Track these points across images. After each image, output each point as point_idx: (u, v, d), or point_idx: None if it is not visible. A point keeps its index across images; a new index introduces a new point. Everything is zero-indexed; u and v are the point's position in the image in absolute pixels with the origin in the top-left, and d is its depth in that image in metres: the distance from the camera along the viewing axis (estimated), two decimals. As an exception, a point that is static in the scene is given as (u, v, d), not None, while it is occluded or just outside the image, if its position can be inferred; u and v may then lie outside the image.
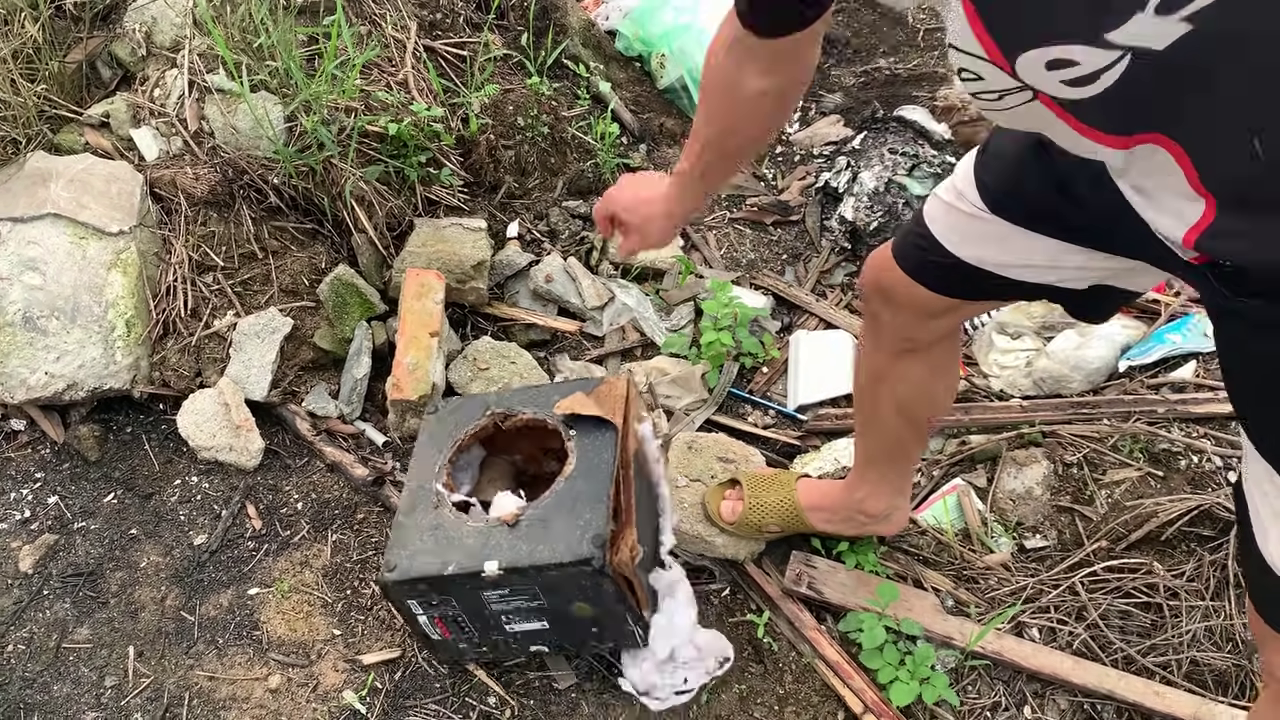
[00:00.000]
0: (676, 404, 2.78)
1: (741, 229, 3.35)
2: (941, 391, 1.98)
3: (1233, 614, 2.19)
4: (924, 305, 1.67)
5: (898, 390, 1.90)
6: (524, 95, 3.15)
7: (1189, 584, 2.27)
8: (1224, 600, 2.23)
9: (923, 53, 3.88)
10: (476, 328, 2.96)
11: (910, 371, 1.87)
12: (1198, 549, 2.32)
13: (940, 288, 1.63)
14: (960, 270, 1.56)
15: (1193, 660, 2.15)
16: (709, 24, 3.42)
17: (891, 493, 2.18)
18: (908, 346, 1.82)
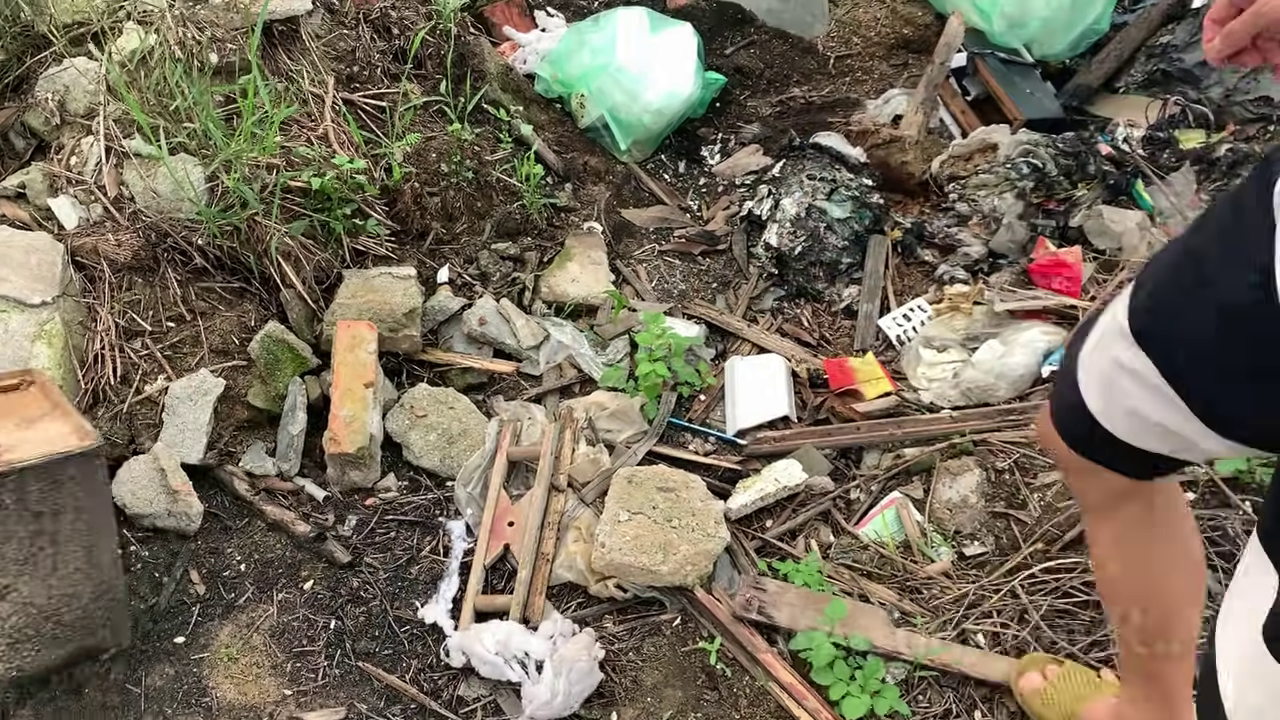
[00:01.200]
0: (617, 437, 2.80)
1: (671, 260, 3.40)
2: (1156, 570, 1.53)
3: (1166, 604, 2.26)
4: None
5: (1098, 569, 1.62)
6: (446, 142, 3.17)
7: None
8: (1157, 591, 2.29)
9: (834, 80, 3.99)
10: (412, 375, 2.97)
11: (1101, 546, 1.55)
12: (1128, 544, 2.39)
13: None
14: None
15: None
16: (626, 62, 3.49)
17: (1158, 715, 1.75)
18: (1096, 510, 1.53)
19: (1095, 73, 3.78)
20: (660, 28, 3.62)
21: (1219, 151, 3.28)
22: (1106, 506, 1.46)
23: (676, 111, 3.58)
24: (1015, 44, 3.77)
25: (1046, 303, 2.93)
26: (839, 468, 2.76)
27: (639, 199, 3.59)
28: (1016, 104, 3.53)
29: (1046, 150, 3.20)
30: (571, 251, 3.25)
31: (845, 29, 4.10)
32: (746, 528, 2.59)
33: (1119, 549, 1.49)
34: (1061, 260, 3.00)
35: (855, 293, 3.23)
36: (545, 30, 3.87)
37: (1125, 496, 1.41)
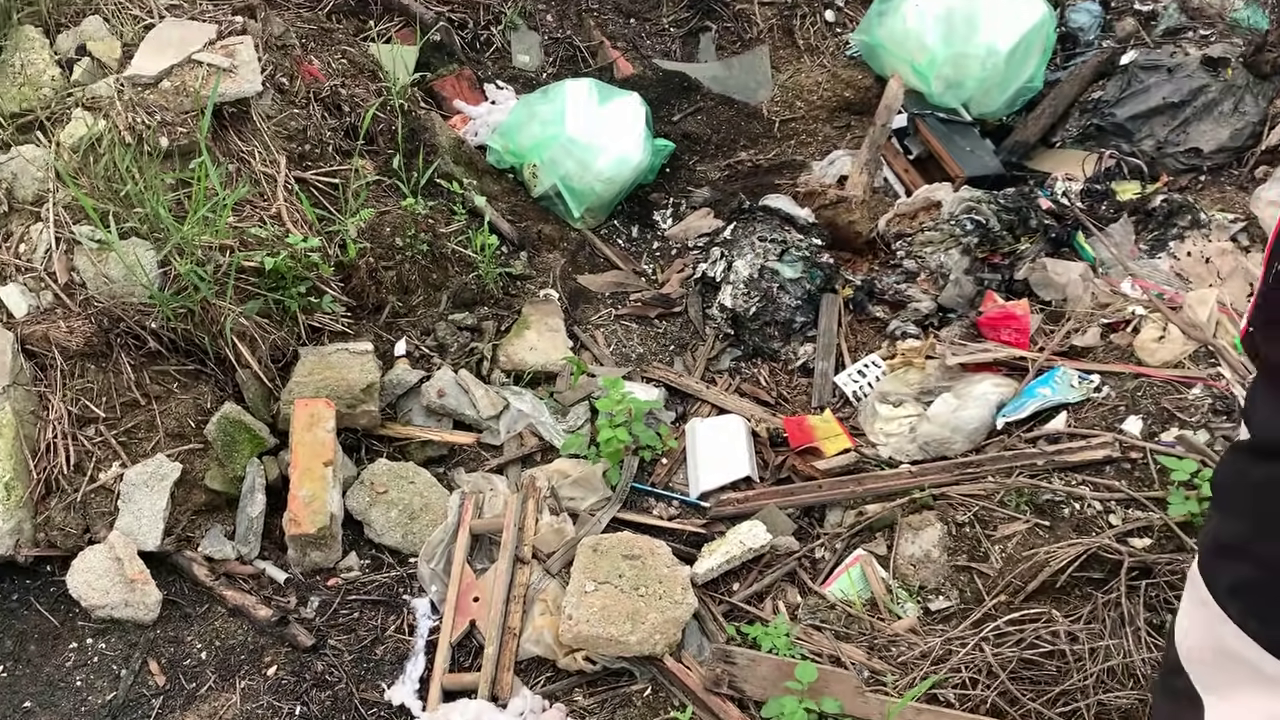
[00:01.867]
0: (581, 505, 2.80)
1: (628, 324, 3.43)
2: None
3: (1131, 651, 2.28)
4: None
5: None
6: (400, 216, 3.19)
7: (1087, 627, 2.36)
8: (1121, 638, 2.31)
9: (780, 143, 4.08)
10: (372, 451, 2.95)
11: None
12: (1091, 592, 2.42)
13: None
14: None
15: (1100, 703, 2.23)
16: (576, 133, 3.54)
17: None
18: None
19: (1032, 129, 3.90)
20: (608, 98, 3.68)
21: (1154, 202, 3.39)
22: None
23: (627, 178, 3.64)
24: (953, 104, 3.88)
25: (997, 355, 2.99)
26: (803, 527, 2.77)
27: (594, 265, 3.62)
28: (957, 162, 3.63)
29: (989, 206, 3.29)
30: (529, 319, 3.26)
31: (789, 94, 4.19)
32: (714, 592, 2.59)
33: None
34: (1009, 313, 3.07)
35: (810, 351, 3.28)
36: (495, 103, 3.92)
37: None
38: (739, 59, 4.26)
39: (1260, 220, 3.20)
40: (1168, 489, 2.46)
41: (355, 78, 3.53)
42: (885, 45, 3.98)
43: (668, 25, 4.37)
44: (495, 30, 4.18)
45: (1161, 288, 3.06)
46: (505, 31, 4.20)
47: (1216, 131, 3.63)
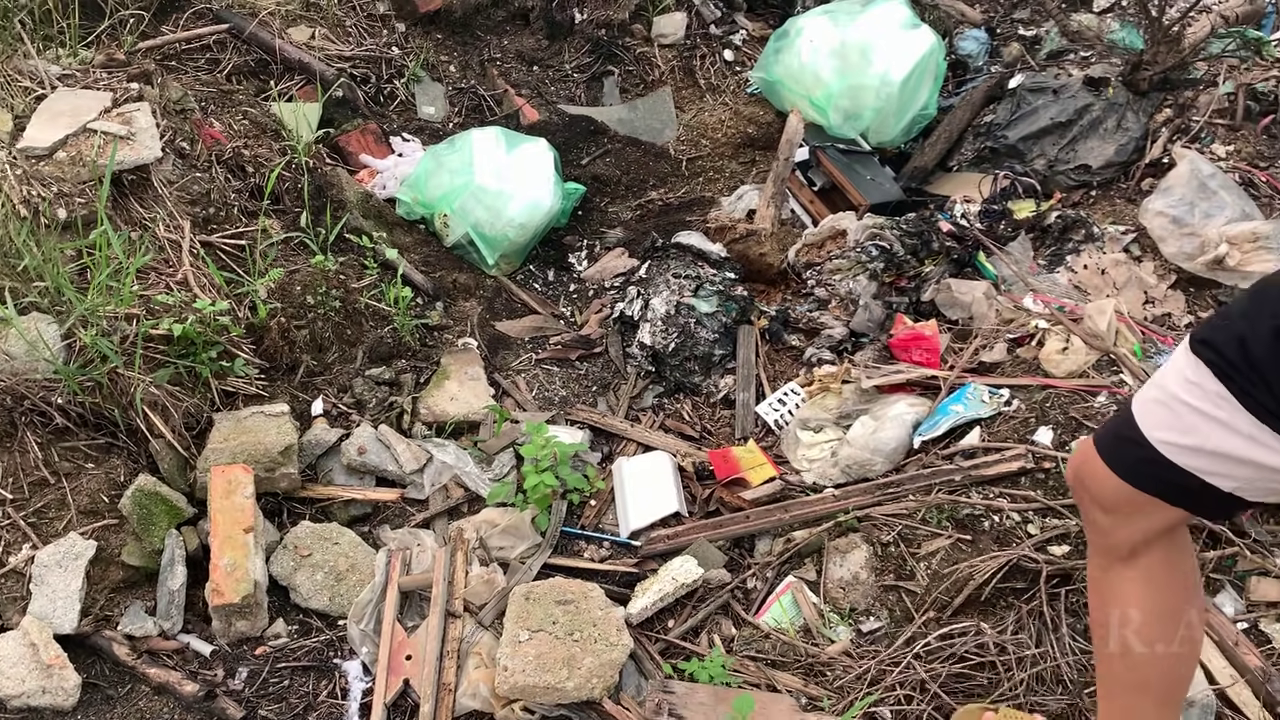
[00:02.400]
0: (511, 554, 2.78)
1: (549, 368, 3.43)
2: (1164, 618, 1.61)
3: (1056, 656, 2.34)
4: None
5: (1118, 617, 1.64)
6: (310, 274, 3.16)
7: (1014, 637, 2.41)
8: (1047, 645, 2.37)
9: (688, 181, 4.15)
10: (294, 514, 2.90)
11: (1130, 590, 1.61)
12: (1015, 602, 2.47)
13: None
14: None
15: (1031, 707, 2.28)
16: (485, 181, 3.56)
17: None
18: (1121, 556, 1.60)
19: (929, 155, 4.03)
20: (516, 144, 3.71)
21: (1049, 219, 3.51)
22: (1138, 549, 1.56)
23: (540, 223, 3.66)
24: (852, 134, 3.99)
25: (910, 375, 3.06)
26: (733, 558, 2.80)
27: (511, 311, 3.63)
28: (859, 190, 3.72)
29: (892, 232, 3.38)
30: (448, 370, 3.25)
31: (694, 133, 4.27)
32: (649, 631, 2.59)
33: (1156, 596, 1.59)
34: (919, 334, 3.15)
35: (731, 382, 3.32)
36: (402, 155, 3.92)
37: (1160, 535, 1.55)
38: (643, 101, 4.34)
39: (1149, 230, 3.34)
40: (1080, 495, 2.53)
41: (258, 138, 3.50)
42: (783, 81, 4.08)
43: (571, 71, 4.42)
44: (399, 83, 4.19)
45: (1062, 301, 3.17)
46: (409, 84, 4.21)
47: (1103, 148, 3.78)
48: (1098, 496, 1.57)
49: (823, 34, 3.94)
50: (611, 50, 4.43)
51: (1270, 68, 3.68)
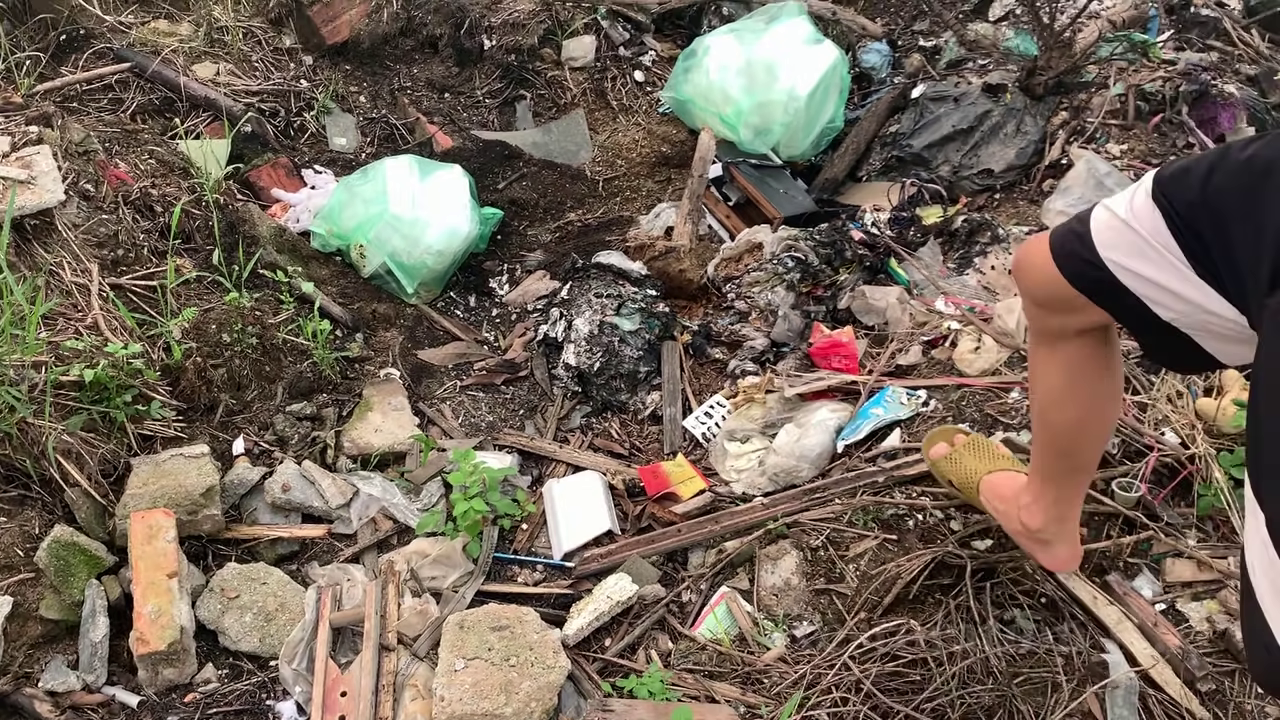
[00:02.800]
0: (443, 583, 2.76)
1: (475, 394, 3.42)
2: (1081, 398, 1.81)
3: (985, 649, 2.39)
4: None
5: (1039, 386, 1.87)
6: (225, 312, 3.12)
7: (943, 633, 2.46)
8: (975, 639, 2.42)
9: (606, 201, 4.18)
10: (219, 556, 2.84)
11: (1051, 369, 1.81)
12: (942, 598, 2.52)
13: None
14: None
15: (963, 699, 2.32)
16: (400, 209, 3.54)
17: (1048, 516, 2.09)
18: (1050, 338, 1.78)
19: (838, 166, 4.12)
20: (430, 172, 3.70)
21: (956, 223, 3.61)
22: (1067, 338, 1.73)
23: (458, 249, 3.66)
24: (763, 149, 4.07)
25: (830, 382, 3.12)
26: (667, 572, 2.81)
27: (433, 338, 3.61)
28: (773, 204, 3.79)
29: (806, 243, 3.45)
30: (371, 401, 3.22)
31: (609, 153, 4.31)
32: (586, 651, 2.59)
33: (1071, 378, 1.79)
34: (836, 341, 3.21)
35: (657, 399, 3.34)
36: (315, 188, 3.89)
37: (1089, 332, 1.69)
38: (556, 124, 4.36)
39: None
40: (998, 489, 2.60)
41: (166, 177, 3.45)
42: (693, 100, 4.15)
43: (482, 97, 4.44)
44: (308, 116, 4.16)
45: (972, 301, 3.26)
46: (319, 116, 4.19)
47: (1004, 152, 3.91)
48: (1036, 287, 1.70)
49: (729, 52, 4.01)
50: (522, 75, 4.46)
51: (1157, 69, 3.84)
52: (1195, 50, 4.00)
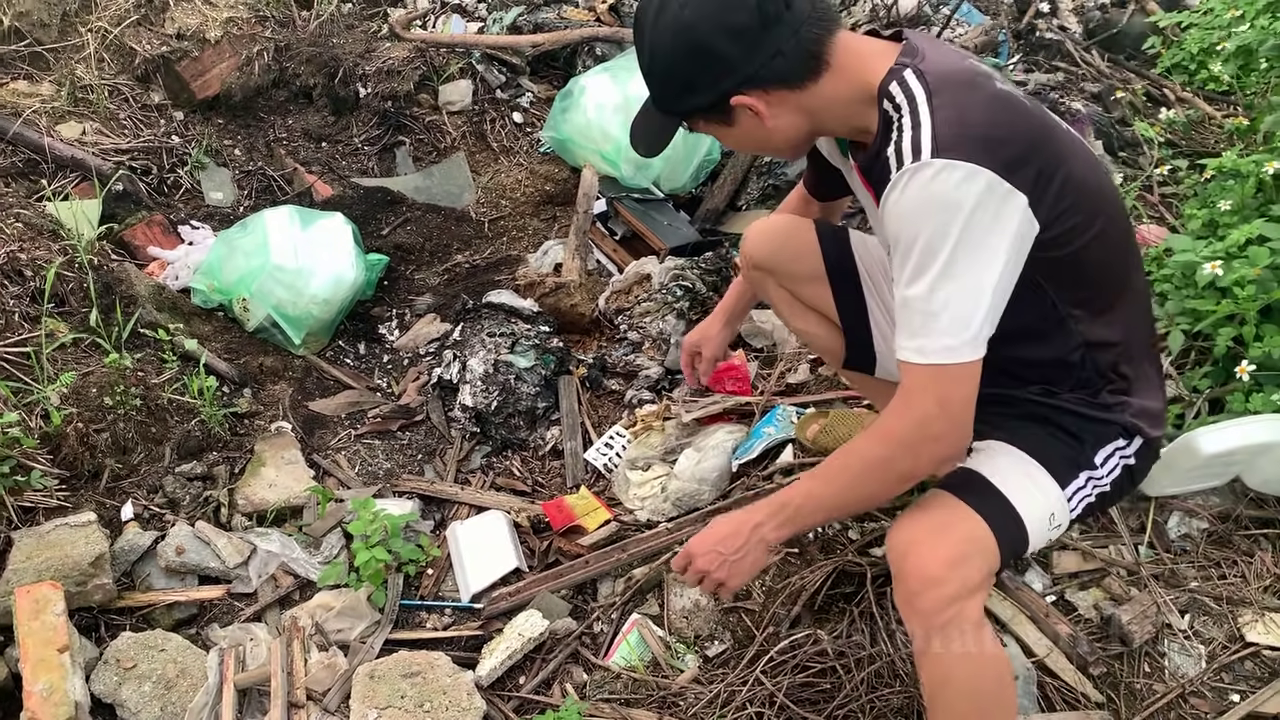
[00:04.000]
0: (350, 634, 2.71)
1: (370, 442, 3.38)
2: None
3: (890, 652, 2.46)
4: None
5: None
6: (106, 374, 3.02)
7: (849, 640, 2.52)
8: (880, 643, 2.49)
9: (492, 241, 4.20)
10: (112, 626, 2.73)
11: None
12: (846, 606, 2.59)
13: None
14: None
15: (872, 704, 2.39)
16: (282, 260, 3.50)
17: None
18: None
19: (718, 196, 4.22)
20: (311, 221, 3.67)
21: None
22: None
23: (344, 297, 3.62)
24: (645, 183, 4.15)
25: (725, 405, 3.18)
26: (577, 604, 2.82)
27: (324, 389, 3.56)
28: (658, 236, 3.87)
29: (693, 272, 3.53)
30: (263, 457, 3.15)
31: (492, 194, 4.34)
32: (501, 691, 2.57)
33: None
34: (729, 364, 3.29)
35: (557, 433, 3.36)
36: (193, 243, 3.81)
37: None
38: (437, 168, 4.37)
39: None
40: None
41: (34, 240, 3.34)
42: (573, 139, 4.21)
43: (360, 144, 4.42)
44: (182, 172, 4.08)
45: (854, 319, 3.37)
46: (193, 172, 4.11)
47: (874, 176, 4.06)
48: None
49: (605, 91, 4.08)
50: (400, 121, 4.46)
51: (1010, 92, 4.06)
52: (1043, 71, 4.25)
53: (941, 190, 1.53)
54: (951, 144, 1.54)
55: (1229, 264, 2.69)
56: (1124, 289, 1.81)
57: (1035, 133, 1.63)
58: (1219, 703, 2.33)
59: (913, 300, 1.59)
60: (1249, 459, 2.61)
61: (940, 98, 1.59)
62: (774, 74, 1.66)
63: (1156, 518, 2.71)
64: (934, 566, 1.66)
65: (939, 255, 1.54)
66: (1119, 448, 1.86)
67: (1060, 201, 1.62)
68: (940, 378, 1.61)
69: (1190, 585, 2.56)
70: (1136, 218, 3.53)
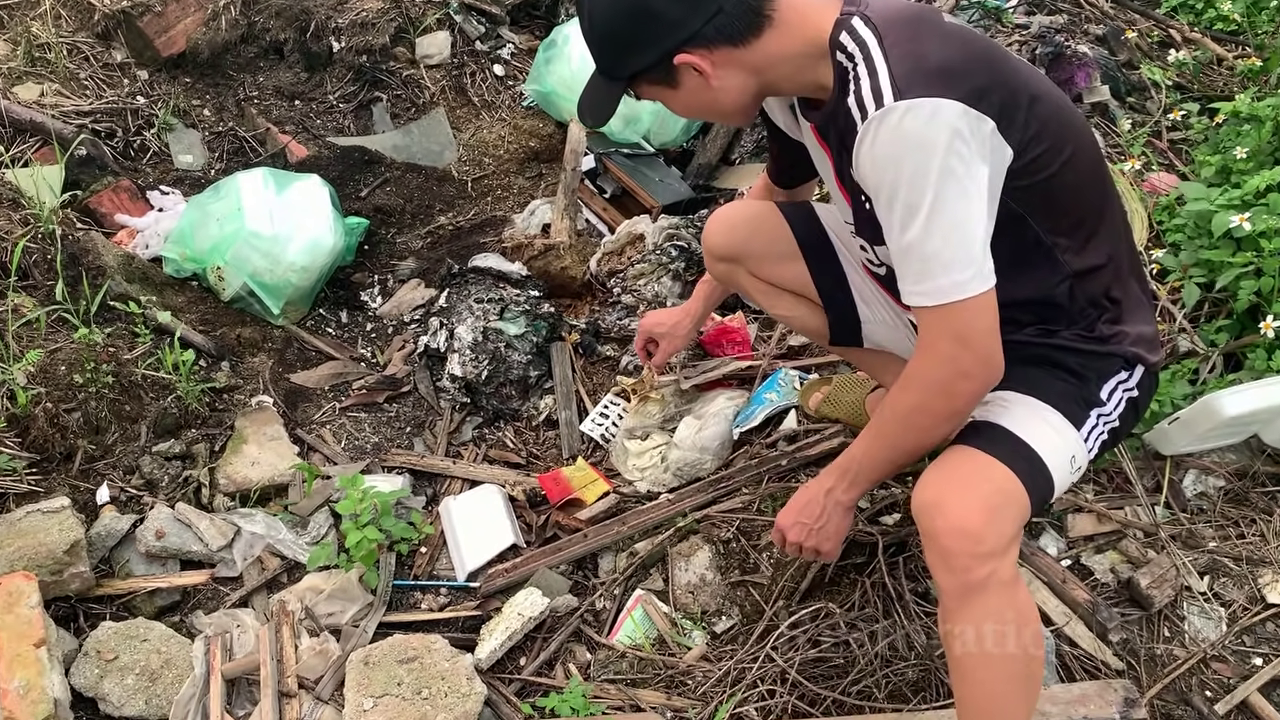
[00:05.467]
0: (342, 619, 2.60)
1: (356, 415, 3.25)
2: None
3: (904, 624, 2.38)
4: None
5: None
6: (75, 350, 2.88)
7: (861, 613, 2.44)
8: (894, 615, 2.41)
9: (477, 202, 4.03)
10: (92, 616, 2.61)
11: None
12: (858, 577, 2.50)
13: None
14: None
15: (887, 678, 2.31)
16: (257, 226, 3.33)
17: (892, 372, 2.36)
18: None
19: (711, 151, 4.07)
20: (286, 184, 3.50)
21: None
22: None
23: (324, 263, 3.46)
24: (634, 138, 3.99)
25: (725, 370, 3.07)
26: (578, 580, 2.72)
27: (306, 360, 3.41)
28: (650, 193, 3.72)
29: (688, 230, 3.39)
30: (244, 433, 3.02)
31: (475, 152, 4.16)
32: (501, 673, 2.48)
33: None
34: (727, 327, 3.17)
35: (551, 402, 3.24)
36: (163, 210, 3.63)
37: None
38: (417, 125, 4.19)
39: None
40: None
41: (-8, 209, 3.16)
42: (557, 91, 4.04)
43: (335, 102, 4.22)
44: (149, 134, 3.89)
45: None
46: (160, 134, 3.92)
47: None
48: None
49: (590, 41, 3.90)
50: (376, 76, 4.26)
51: (1011, 33, 3.92)
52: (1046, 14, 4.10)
53: (912, 130, 1.52)
54: (911, 82, 1.53)
55: (1256, 214, 2.58)
56: (1103, 212, 1.80)
57: (993, 63, 1.63)
58: (1242, 667, 2.28)
59: (910, 246, 1.59)
60: (1270, 419, 2.54)
61: (890, 39, 1.59)
62: (716, 31, 1.64)
63: (1172, 476, 2.64)
64: (969, 521, 1.62)
65: (925, 195, 1.53)
66: (1121, 381, 1.86)
67: (1028, 127, 1.61)
68: (956, 315, 1.60)
69: (1209, 546, 2.50)
70: (1145, 165, 3.41)
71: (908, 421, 1.76)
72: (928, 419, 1.74)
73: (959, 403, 1.71)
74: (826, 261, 2.31)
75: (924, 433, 1.77)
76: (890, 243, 1.64)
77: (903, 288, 1.66)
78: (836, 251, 2.31)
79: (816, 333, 2.44)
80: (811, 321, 2.41)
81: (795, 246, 2.30)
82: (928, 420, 1.74)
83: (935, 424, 1.75)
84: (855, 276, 2.30)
